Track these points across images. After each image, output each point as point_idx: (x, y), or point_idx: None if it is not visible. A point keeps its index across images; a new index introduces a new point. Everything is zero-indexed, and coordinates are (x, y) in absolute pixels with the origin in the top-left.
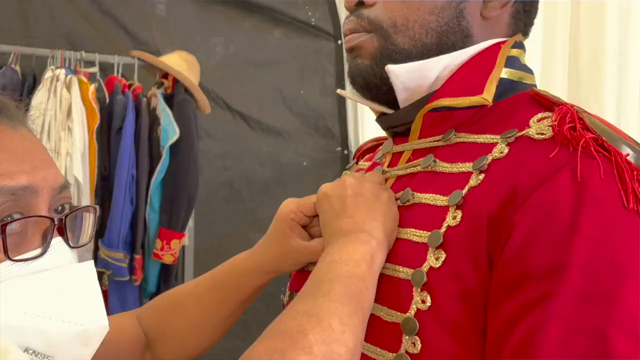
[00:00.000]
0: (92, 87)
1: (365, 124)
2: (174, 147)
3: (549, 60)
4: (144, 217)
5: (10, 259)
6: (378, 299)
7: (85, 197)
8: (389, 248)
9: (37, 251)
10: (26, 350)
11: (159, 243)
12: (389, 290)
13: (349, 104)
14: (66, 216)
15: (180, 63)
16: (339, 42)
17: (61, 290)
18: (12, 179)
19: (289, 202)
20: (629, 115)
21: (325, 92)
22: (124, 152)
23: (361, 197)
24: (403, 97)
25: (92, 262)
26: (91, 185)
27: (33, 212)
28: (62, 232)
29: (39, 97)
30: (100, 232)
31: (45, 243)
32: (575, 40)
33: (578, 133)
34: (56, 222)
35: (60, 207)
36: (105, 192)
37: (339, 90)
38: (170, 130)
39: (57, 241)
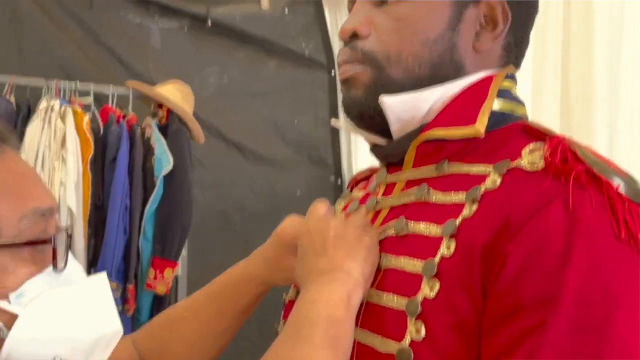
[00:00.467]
0: (86, 117)
1: (358, 153)
2: (168, 177)
3: (539, 91)
4: (137, 246)
5: (55, 267)
6: (372, 328)
7: (79, 227)
8: (366, 292)
9: (61, 264)
10: (54, 358)
11: (152, 272)
12: (383, 320)
13: (343, 134)
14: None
15: (174, 93)
16: (333, 73)
17: (84, 300)
18: (41, 201)
19: (287, 222)
20: (620, 146)
21: (318, 122)
22: (117, 182)
23: (343, 239)
24: (396, 128)
25: (104, 273)
26: (84, 215)
27: (52, 231)
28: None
29: (33, 127)
30: (93, 261)
31: (61, 259)
32: (566, 72)
33: (570, 164)
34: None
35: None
36: (99, 222)
37: (333, 121)
38: (164, 160)
39: (70, 256)
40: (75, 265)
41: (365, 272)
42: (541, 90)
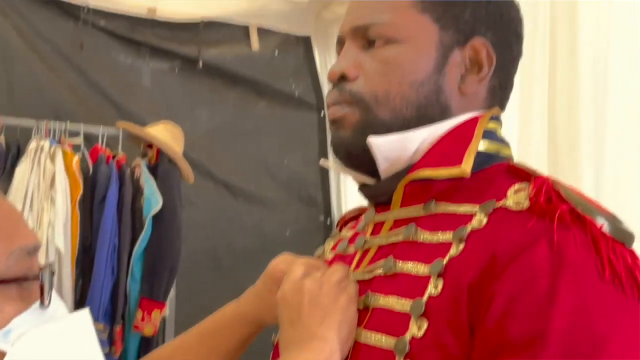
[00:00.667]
0: (76, 158)
1: (348, 193)
2: (156, 217)
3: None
4: (125, 287)
5: (42, 303)
6: None
7: (66, 268)
8: (344, 355)
9: (47, 301)
10: None
11: (139, 313)
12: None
13: (332, 174)
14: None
15: (164, 133)
16: (322, 113)
17: (69, 337)
18: (27, 239)
19: (280, 260)
20: (606, 187)
21: (308, 162)
22: (106, 222)
23: (317, 304)
24: (384, 168)
25: (87, 310)
26: (72, 255)
27: (36, 268)
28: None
29: (23, 167)
30: (80, 302)
31: (46, 295)
32: (552, 115)
33: (554, 204)
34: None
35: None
36: (87, 263)
37: (322, 161)
38: (153, 200)
39: (53, 293)
40: (58, 302)
41: (342, 336)
42: (528, 133)
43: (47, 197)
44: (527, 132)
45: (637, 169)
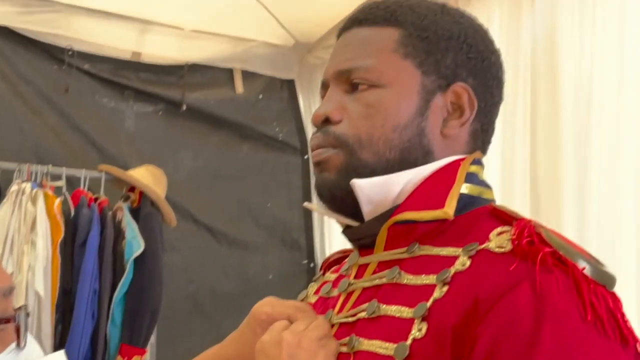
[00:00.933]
0: (57, 201)
1: (332, 236)
2: (138, 261)
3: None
4: (105, 332)
5: (18, 345)
6: None
7: (46, 312)
8: None
9: (23, 342)
10: None
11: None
12: None
13: (316, 217)
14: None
15: (147, 176)
16: (306, 156)
17: None
18: (2, 281)
19: (265, 302)
20: (588, 230)
21: (291, 205)
22: (87, 266)
23: (294, 358)
24: (368, 210)
25: (62, 352)
26: (52, 299)
27: (11, 310)
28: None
29: (4, 210)
30: (60, 347)
31: (22, 336)
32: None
33: (536, 247)
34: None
35: None
36: (67, 307)
37: (306, 204)
38: (135, 244)
39: (28, 335)
40: (34, 344)
41: None
42: (510, 177)
43: (27, 240)
44: (509, 176)
45: (619, 211)
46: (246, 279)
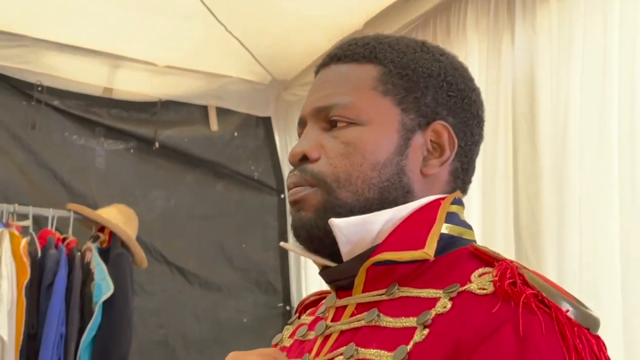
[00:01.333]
0: (23, 241)
1: (308, 278)
2: (107, 304)
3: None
4: None
5: None
6: None
7: (10, 357)
8: None
9: None
10: None
11: None
12: None
13: (292, 258)
14: None
15: (117, 216)
16: (282, 196)
17: None
18: None
19: (232, 357)
20: (569, 272)
21: (267, 246)
22: (53, 309)
23: None
24: (346, 250)
25: None
26: (16, 344)
27: None
28: None
29: None
30: None
31: None
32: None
33: (518, 289)
34: None
35: None
36: (32, 352)
37: (282, 243)
38: (104, 286)
39: None
40: None
41: None
42: (491, 218)
43: None
44: (490, 218)
45: (602, 252)
46: (219, 324)
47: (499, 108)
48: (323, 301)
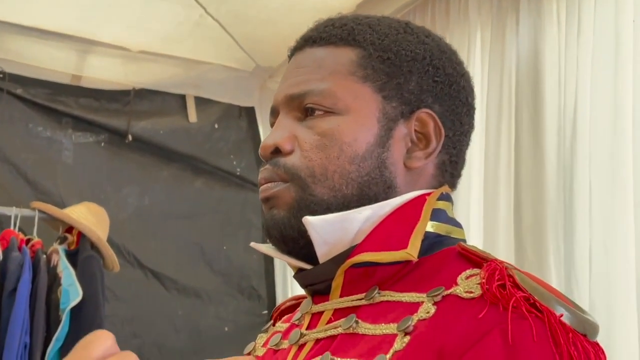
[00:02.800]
0: None
1: (294, 283)
2: (75, 311)
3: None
4: None
5: None
6: None
7: None
8: None
9: None
10: None
11: None
12: None
13: (277, 261)
14: None
15: (87, 216)
16: None
17: None
18: None
19: None
20: (578, 275)
21: (250, 248)
22: (16, 318)
23: None
24: (322, 252)
25: None
26: None
27: None
28: None
29: None
30: None
31: None
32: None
33: (508, 291)
34: None
35: None
36: None
37: (253, 244)
38: (72, 292)
39: None
40: None
41: None
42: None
43: None
44: (492, 217)
45: (615, 255)
46: (198, 332)
47: (502, 97)
48: (299, 307)
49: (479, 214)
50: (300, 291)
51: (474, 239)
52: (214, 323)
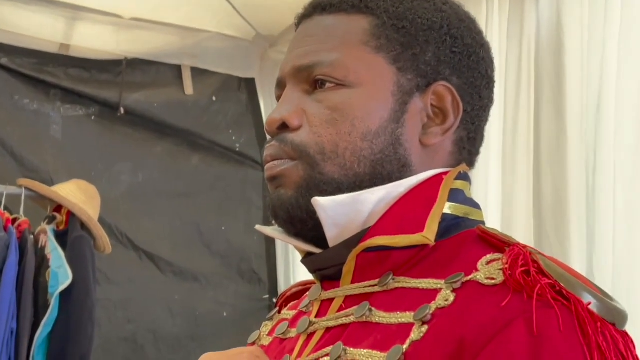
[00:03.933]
0: None
1: (297, 266)
2: (65, 295)
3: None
4: None
5: None
6: None
7: None
8: None
9: None
10: None
11: None
12: None
13: (279, 243)
14: None
15: (76, 194)
16: None
17: None
18: None
19: (206, 357)
20: (601, 262)
21: (250, 228)
22: (2, 302)
23: None
24: (333, 235)
25: None
26: None
27: None
28: None
29: None
30: None
31: None
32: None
33: (532, 278)
34: None
35: None
36: None
37: (257, 226)
38: (61, 274)
39: None
40: None
41: None
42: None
43: None
44: (510, 193)
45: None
46: (195, 318)
47: (520, 69)
48: (307, 293)
49: (497, 193)
50: (305, 275)
51: (492, 220)
52: (212, 308)
